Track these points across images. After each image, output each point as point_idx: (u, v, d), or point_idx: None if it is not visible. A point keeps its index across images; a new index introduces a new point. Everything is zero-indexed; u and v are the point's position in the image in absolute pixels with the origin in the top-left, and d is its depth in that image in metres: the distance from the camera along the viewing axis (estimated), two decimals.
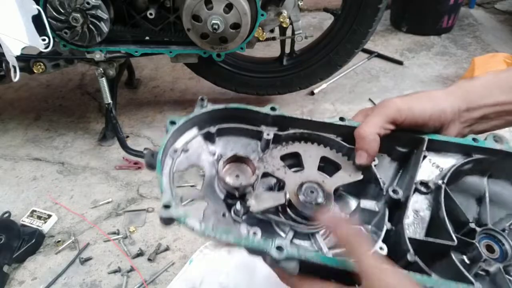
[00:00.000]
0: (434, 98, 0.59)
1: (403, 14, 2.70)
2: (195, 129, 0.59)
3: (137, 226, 1.42)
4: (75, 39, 1.47)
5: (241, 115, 0.60)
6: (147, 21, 1.56)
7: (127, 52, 1.57)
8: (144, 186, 1.59)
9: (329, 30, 1.84)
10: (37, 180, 1.63)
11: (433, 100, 0.58)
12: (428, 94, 0.59)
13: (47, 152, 1.78)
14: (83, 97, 2.15)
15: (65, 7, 1.40)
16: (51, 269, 1.30)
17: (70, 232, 1.40)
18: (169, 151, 0.56)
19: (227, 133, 0.61)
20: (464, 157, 0.59)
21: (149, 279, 1.25)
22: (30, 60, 1.58)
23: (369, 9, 1.68)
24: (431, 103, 0.58)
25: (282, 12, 1.57)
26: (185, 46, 1.58)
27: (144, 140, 1.84)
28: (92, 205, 1.51)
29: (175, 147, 0.57)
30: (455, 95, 0.60)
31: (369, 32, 1.73)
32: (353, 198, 0.60)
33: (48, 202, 1.53)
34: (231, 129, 0.61)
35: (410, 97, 0.59)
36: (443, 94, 0.60)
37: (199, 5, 1.41)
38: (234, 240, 0.47)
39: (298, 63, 1.86)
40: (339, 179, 0.57)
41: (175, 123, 0.56)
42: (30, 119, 1.98)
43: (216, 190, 0.55)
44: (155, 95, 2.16)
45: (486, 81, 0.62)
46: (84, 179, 1.63)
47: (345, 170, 0.58)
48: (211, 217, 0.53)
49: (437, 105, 0.58)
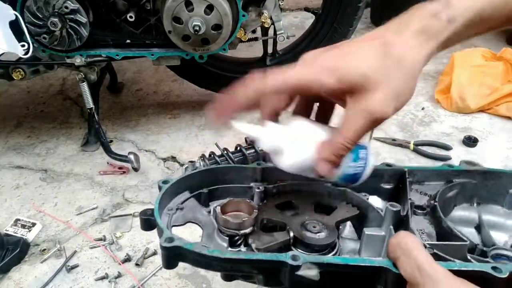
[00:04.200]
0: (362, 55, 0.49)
1: (383, 12, 2.73)
2: (187, 193, 0.60)
3: (123, 231, 1.40)
4: (54, 44, 1.45)
5: (230, 176, 0.62)
6: (127, 24, 1.55)
7: (108, 56, 1.56)
8: (130, 191, 1.58)
9: (311, 29, 1.86)
10: (20, 188, 1.61)
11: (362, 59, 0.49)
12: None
13: (29, 160, 1.75)
14: (64, 102, 2.12)
15: (43, 11, 1.38)
16: (37, 278, 1.27)
17: (56, 240, 1.38)
18: (164, 210, 0.56)
19: (219, 195, 0.62)
20: (446, 184, 0.61)
21: (138, 284, 1.24)
22: (9, 67, 1.55)
23: (349, 7, 1.69)
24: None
25: (263, 13, 1.57)
26: (167, 48, 1.57)
27: (129, 144, 1.83)
28: (77, 211, 1.49)
29: (170, 206, 0.57)
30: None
31: (350, 30, 1.75)
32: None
33: (32, 210, 1.50)
34: (223, 191, 0.62)
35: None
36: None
37: (180, 7, 1.41)
38: (246, 256, 0.46)
39: (281, 63, 1.86)
40: (337, 216, 0.58)
41: (167, 182, 0.58)
42: (11, 126, 1.95)
43: (218, 240, 0.55)
44: (139, 98, 2.14)
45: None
46: (68, 185, 1.61)
47: (340, 208, 0.59)
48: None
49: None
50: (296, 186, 0.62)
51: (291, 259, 0.45)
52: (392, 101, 0.47)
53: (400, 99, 0.48)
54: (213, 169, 0.62)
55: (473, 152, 1.76)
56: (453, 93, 1.95)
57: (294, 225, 0.55)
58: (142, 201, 1.53)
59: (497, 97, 1.93)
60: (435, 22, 0.48)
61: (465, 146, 1.78)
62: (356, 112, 0.48)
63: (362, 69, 0.47)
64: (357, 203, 0.60)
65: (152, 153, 1.78)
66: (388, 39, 0.49)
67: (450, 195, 0.59)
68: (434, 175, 0.61)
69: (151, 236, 1.37)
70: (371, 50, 0.48)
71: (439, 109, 2.02)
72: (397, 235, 0.46)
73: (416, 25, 0.49)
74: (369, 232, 0.55)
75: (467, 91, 1.94)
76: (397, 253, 0.44)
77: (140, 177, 1.64)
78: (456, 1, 0.49)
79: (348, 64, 0.48)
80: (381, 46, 0.48)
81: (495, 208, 0.61)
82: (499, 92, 1.93)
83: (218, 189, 0.62)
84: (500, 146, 1.79)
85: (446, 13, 0.48)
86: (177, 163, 1.73)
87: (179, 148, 1.80)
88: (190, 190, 0.60)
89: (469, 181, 0.60)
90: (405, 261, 0.43)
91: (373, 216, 0.58)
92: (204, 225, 0.57)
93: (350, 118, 0.49)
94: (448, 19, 0.48)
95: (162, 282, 1.24)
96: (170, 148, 1.80)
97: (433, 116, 1.97)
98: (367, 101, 0.47)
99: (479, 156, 1.72)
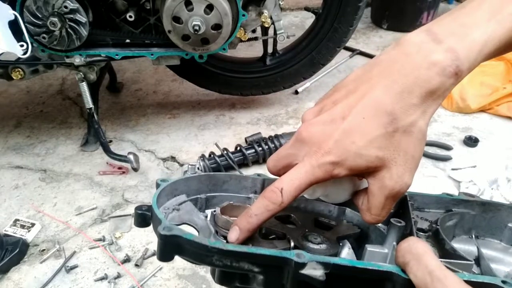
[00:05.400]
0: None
1: (384, 12, 2.73)
2: (184, 196, 0.58)
3: (123, 231, 1.40)
4: (54, 43, 1.45)
5: (229, 184, 0.60)
6: (127, 23, 1.54)
7: (107, 55, 1.55)
8: (129, 191, 1.57)
9: (311, 29, 1.85)
10: (19, 188, 1.60)
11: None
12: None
13: (28, 160, 1.74)
14: (64, 102, 2.11)
15: (43, 11, 1.38)
16: (36, 278, 1.27)
17: (55, 240, 1.38)
18: (160, 208, 0.54)
19: (217, 203, 0.60)
20: (446, 213, 0.60)
21: (137, 285, 1.23)
22: (8, 67, 1.55)
23: (349, 7, 1.69)
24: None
25: (263, 12, 1.56)
26: (166, 48, 1.57)
27: (128, 144, 1.82)
28: (77, 212, 1.49)
29: (166, 206, 0.56)
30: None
31: (350, 30, 1.75)
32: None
33: (31, 210, 1.50)
34: (221, 199, 0.60)
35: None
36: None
37: (179, 7, 1.40)
38: (249, 250, 0.44)
39: (281, 62, 1.86)
40: (338, 232, 0.56)
41: (166, 181, 0.56)
42: (10, 127, 1.94)
43: None
44: (138, 98, 2.13)
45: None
46: (67, 185, 1.61)
47: (341, 226, 0.57)
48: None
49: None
50: (295, 202, 0.59)
51: (296, 256, 0.43)
52: (409, 171, 0.46)
53: (415, 164, 0.47)
54: (213, 175, 0.60)
55: (474, 152, 1.75)
56: (454, 93, 1.95)
57: (294, 235, 0.53)
58: (141, 201, 1.52)
59: (497, 97, 1.92)
60: (443, 80, 0.44)
61: (466, 146, 1.78)
62: (379, 190, 0.47)
63: (372, 152, 0.45)
64: (358, 223, 0.58)
65: (152, 153, 1.77)
66: (394, 112, 0.45)
67: (449, 224, 0.59)
68: (433, 203, 0.61)
69: (151, 236, 1.37)
70: (378, 129, 0.45)
71: (439, 108, 2.01)
72: (407, 240, 0.44)
73: (422, 87, 0.44)
74: (371, 248, 0.52)
75: (468, 91, 1.94)
76: (407, 258, 0.42)
77: (140, 177, 1.63)
78: (464, 54, 0.44)
79: (355, 150, 0.45)
80: (388, 124, 0.45)
81: (493, 243, 0.61)
82: (500, 92, 1.92)
83: (215, 197, 0.60)
84: (501, 146, 1.79)
85: (454, 67, 0.44)
86: (177, 163, 1.72)
87: (178, 148, 1.80)
88: (187, 193, 0.59)
89: (468, 211, 0.60)
90: (416, 266, 0.41)
91: (375, 235, 0.57)
92: (200, 229, 0.55)
93: (374, 197, 0.48)
94: (456, 73, 0.44)
95: (162, 283, 1.24)
96: (170, 148, 1.80)
97: (434, 116, 1.96)
98: (386, 178, 0.46)
99: (480, 156, 1.72)
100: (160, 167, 1.70)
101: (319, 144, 0.47)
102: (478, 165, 1.64)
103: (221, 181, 0.59)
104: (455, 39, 0.44)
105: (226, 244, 0.45)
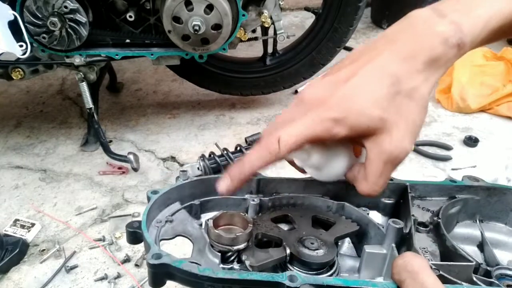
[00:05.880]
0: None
1: (384, 12, 2.73)
2: (177, 204, 0.58)
3: (123, 231, 1.40)
4: (54, 43, 1.45)
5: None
6: (127, 23, 1.54)
7: (107, 55, 1.55)
8: (129, 191, 1.57)
9: (311, 29, 1.85)
10: (19, 188, 1.60)
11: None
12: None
13: (28, 160, 1.74)
14: (64, 102, 2.11)
15: (43, 11, 1.38)
16: (36, 278, 1.27)
17: (55, 240, 1.38)
18: (153, 222, 0.54)
19: (212, 207, 0.59)
20: (449, 200, 0.59)
21: (137, 285, 1.23)
22: (8, 67, 1.55)
23: (349, 7, 1.69)
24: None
25: (263, 12, 1.56)
26: (166, 48, 1.57)
27: (128, 144, 1.82)
28: (77, 212, 1.49)
29: (158, 219, 0.55)
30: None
31: (350, 30, 1.74)
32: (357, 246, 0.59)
33: (31, 210, 1.50)
34: (216, 203, 0.59)
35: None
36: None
37: (179, 7, 1.40)
38: (240, 276, 0.43)
39: (281, 62, 1.86)
40: (336, 232, 0.55)
41: (157, 193, 0.55)
42: (10, 126, 1.94)
43: (209, 256, 0.52)
44: (138, 98, 2.13)
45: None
46: (67, 185, 1.61)
47: (339, 224, 0.56)
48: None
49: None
50: (292, 199, 0.59)
51: (288, 280, 0.43)
52: (409, 136, 0.45)
53: (416, 131, 0.46)
54: (206, 179, 0.59)
55: (474, 152, 1.75)
56: (454, 93, 1.95)
57: (290, 241, 0.52)
58: (141, 201, 1.52)
59: (498, 97, 1.92)
60: (445, 50, 0.45)
61: (466, 146, 1.78)
62: (377, 155, 0.46)
63: (375, 112, 0.44)
64: (357, 219, 0.58)
65: (152, 153, 1.77)
66: (398, 74, 0.45)
67: (452, 211, 0.58)
68: (436, 190, 0.59)
69: None
70: (382, 89, 0.45)
71: (439, 109, 2.02)
72: (403, 256, 0.43)
73: (426, 54, 0.45)
74: (370, 250, 0.52)
75: (468, 91, 1.94)
76: (402, 275, 0.42)
77: (140, 177, 1.63)
78: (468, 28, 0.45)
79: (358, 109, 0.45)
80: (391, 85, 0.45)
81: (498, 226, 0.60)
82: (500, 92, 1.92)
83: (210, 201, 0.59)
84: (501, 146, 1.79)
85: (456, 39, 0.45)
86: (177, 163, 1.72)
87: (178, 148, 1.80)
88: (181, 201, 0.58)
89: (472, 197, 0.59)
90: (412, 284, 0.41)
91: (374, 232, 0.56)
92: (194, 239, 0.54)
93: (372, 163, 0.47)
94: (459, 44, 0.45)
95: None
96: (170, 148, 1.80)
97: (434, 116, 1.97)
98: (385, 142, 0.45)
99: (480, 156, 1.72)
100: (160, 167, 1.70)
101: (322, 100, 0.46)
102: (478, 165, 1.65)
103: (215, 184, 0.59)
104: (459, 14, 0.45)
105: (216, 272, 0.44)
